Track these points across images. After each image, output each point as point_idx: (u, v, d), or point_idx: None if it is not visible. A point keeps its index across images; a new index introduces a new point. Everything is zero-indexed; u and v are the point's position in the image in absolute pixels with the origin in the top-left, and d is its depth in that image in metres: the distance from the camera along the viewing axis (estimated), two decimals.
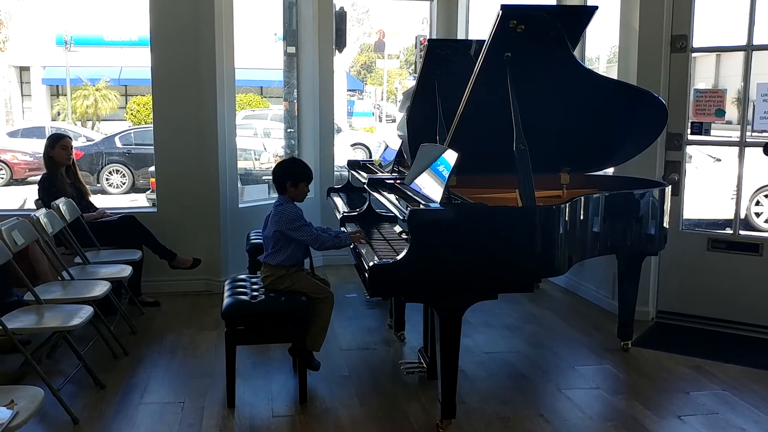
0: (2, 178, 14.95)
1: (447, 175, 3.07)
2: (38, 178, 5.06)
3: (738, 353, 4.15)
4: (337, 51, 6.23)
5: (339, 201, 4.69)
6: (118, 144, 14.34)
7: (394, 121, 21.67)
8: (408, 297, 3.31)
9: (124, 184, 14.04)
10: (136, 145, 14.19)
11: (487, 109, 3.34)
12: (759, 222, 8.62)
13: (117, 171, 14.06)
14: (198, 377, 3.76)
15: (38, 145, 15.69)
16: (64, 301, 3.70)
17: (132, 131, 15.68)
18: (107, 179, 14.05)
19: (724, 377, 3.79)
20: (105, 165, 14.06)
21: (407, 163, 4.29)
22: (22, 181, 14.68)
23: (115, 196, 13.55)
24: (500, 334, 4.50)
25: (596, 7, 3.46)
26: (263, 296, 3.47)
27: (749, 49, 4.35)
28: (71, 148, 5.01)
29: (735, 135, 4.59)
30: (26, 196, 9.82)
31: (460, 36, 6.12)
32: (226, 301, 3.44)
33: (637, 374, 3.88)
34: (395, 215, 3.36)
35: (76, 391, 3.55)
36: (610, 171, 4.60)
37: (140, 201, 11.67)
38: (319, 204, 5.87)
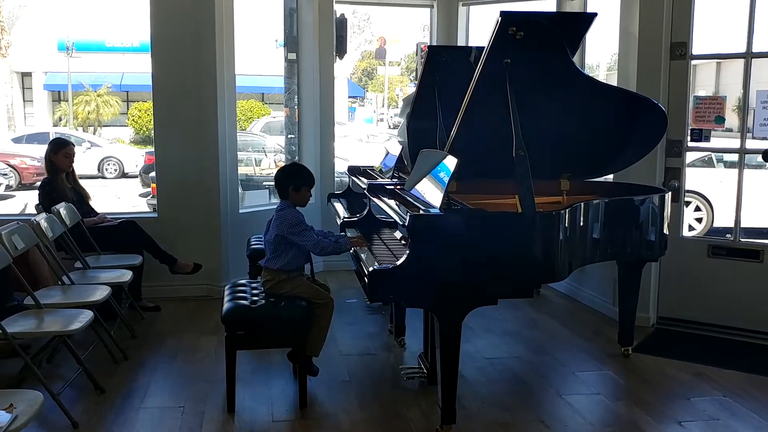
0: (10, 184, 14.83)
1: (447, 181, 3.08)
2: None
3: (739, 359, 4.14)
4: (337, 57, 6.25)
5: (339, 207, 4.70)
6: None
7: None
8: (408, 302, 3.32)
9: None
10: None
11: (486, 115, 3.35)
12: None
13: None
14: (198, 382, 3.76)
15: (44, 151, 15.86)
16: (64, 306, 3.70)
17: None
18: None
19: (724, 383, 3.79)
20: None
21: (407, 169, 4.30)
22: (30, 186, 14.67)
23: None
24: (501, 340, 4.49)
25: (595, 14, 3.46)
26: (263, 301, 3.47)
27: (749, 56, 4.36)
28: (74, 156, 5.02)
29: (735, 143, 4.61)
30: (27, 201, 9.84)
31: (460, 43, 6.13)
32: (226, 305, 3.45)
33: (638, 380, 3.87)
34: (395, 221, 3.36)
35: (76, 395, 3.55)
36: (610, 177, 4.61)
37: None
38: (319, 209, 5.88)
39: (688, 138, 4.60)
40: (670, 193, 4.06)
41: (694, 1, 4.46)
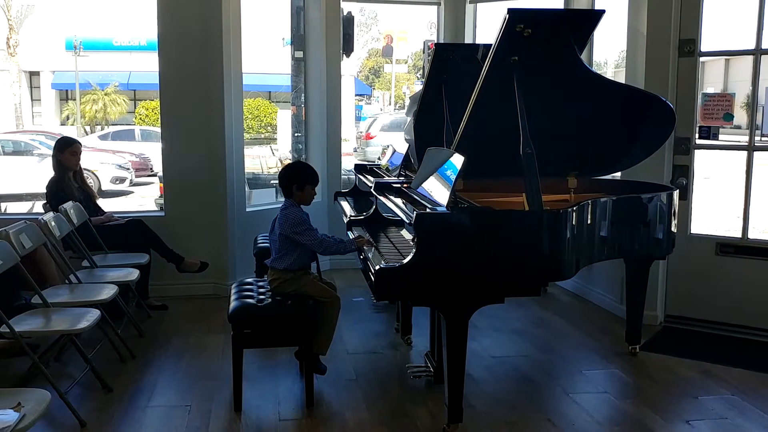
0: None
1: (454, 179, 3.07)
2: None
3: (747, 358, 4.12)
4: (344, 55, 6.24)
5: (346, 205, 4.69)
6: None
7: None
8: (414, 301, 3.31)
9: None
10: None
11: (494, 113, 3.33)
12: None
13: None
14: (205, 380, 3.76)
15: (132, 147, 16.36)
16: (72, 305, 3.71)
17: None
18: None
19: (733, 382, 3.77)
20: None
21: (414, 167, 4.29)
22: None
23: None
24: (507, 338, 4.48)
25: (603, 11, 3.44)
26: (270, 300, 3.47)
27: (758, 53, 4.33)
28: (80, 154, 5.04)
29: (744, 139, 4.58)
30: (39, 201, 9.79)
31: (468, 40, 6.12)
32: (232, 304, 3.45)
33: (646, 378, 3.86)
34: (402, 219, 3.35)
35: (84, 394, 3.56)
36: (617, 175, 4.59)
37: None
38: (326, 208, 5.88)
39: (697, 135, 4.58)
40: (678, 190, 4.04)
41: None
